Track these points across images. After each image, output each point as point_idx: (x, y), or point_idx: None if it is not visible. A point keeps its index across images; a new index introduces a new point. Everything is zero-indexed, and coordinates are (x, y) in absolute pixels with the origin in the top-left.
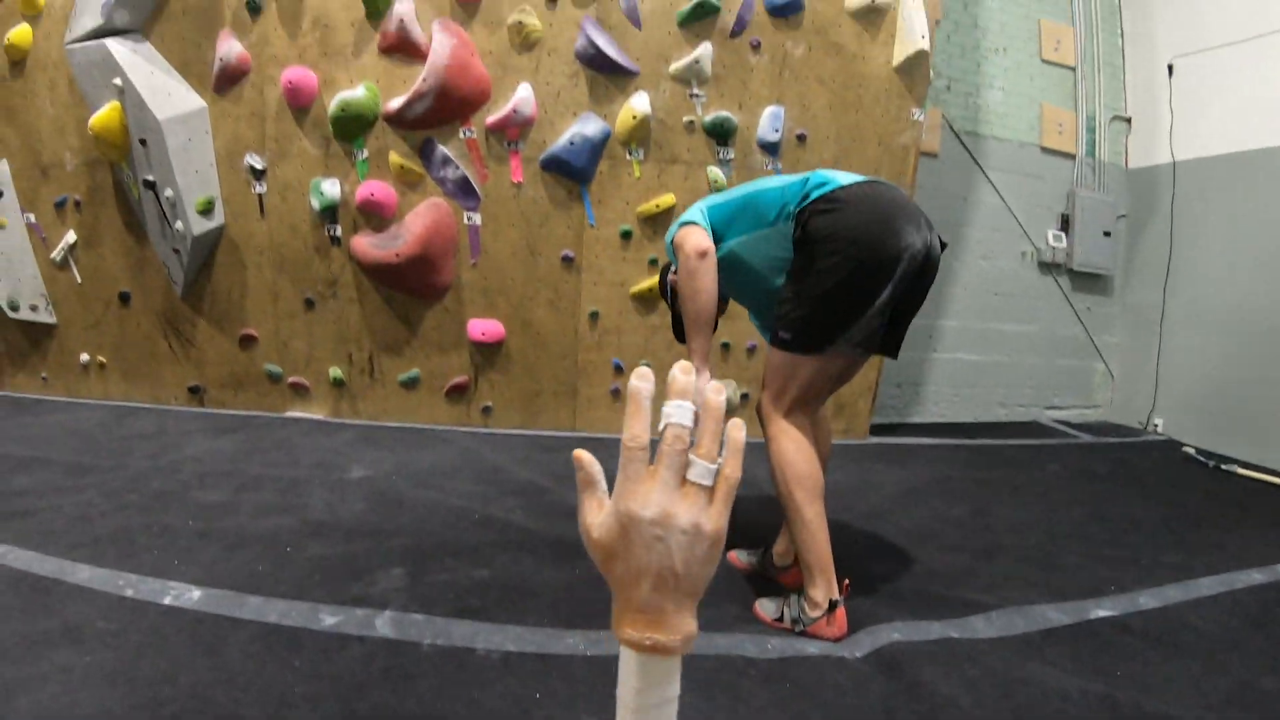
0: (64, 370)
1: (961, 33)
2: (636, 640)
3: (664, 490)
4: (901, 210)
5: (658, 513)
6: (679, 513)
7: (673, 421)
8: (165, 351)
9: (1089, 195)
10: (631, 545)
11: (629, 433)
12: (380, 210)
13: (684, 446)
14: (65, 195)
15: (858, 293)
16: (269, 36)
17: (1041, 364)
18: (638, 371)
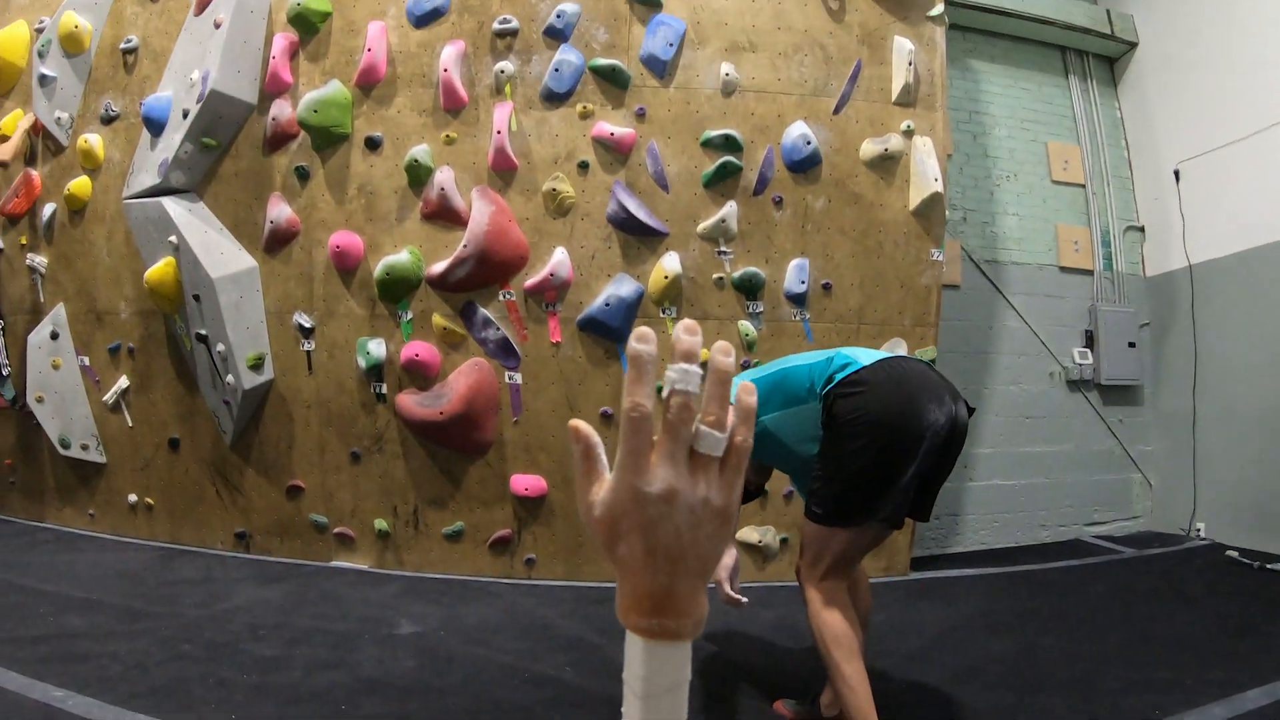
0: (111, 509)
1: (973, 164)
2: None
3: (670, 463)
4: (924, 388)
5: (664, 488)
6: (687, 487)
7: (678, 388)
8: (213, 497)
9: (1110, 308)
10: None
11: (630, 400)
12: (424, 370)
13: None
14: (119, 342)
15: (884, 472)
16: (317, 201)
17: (1079, 481)
18: (637, 333)
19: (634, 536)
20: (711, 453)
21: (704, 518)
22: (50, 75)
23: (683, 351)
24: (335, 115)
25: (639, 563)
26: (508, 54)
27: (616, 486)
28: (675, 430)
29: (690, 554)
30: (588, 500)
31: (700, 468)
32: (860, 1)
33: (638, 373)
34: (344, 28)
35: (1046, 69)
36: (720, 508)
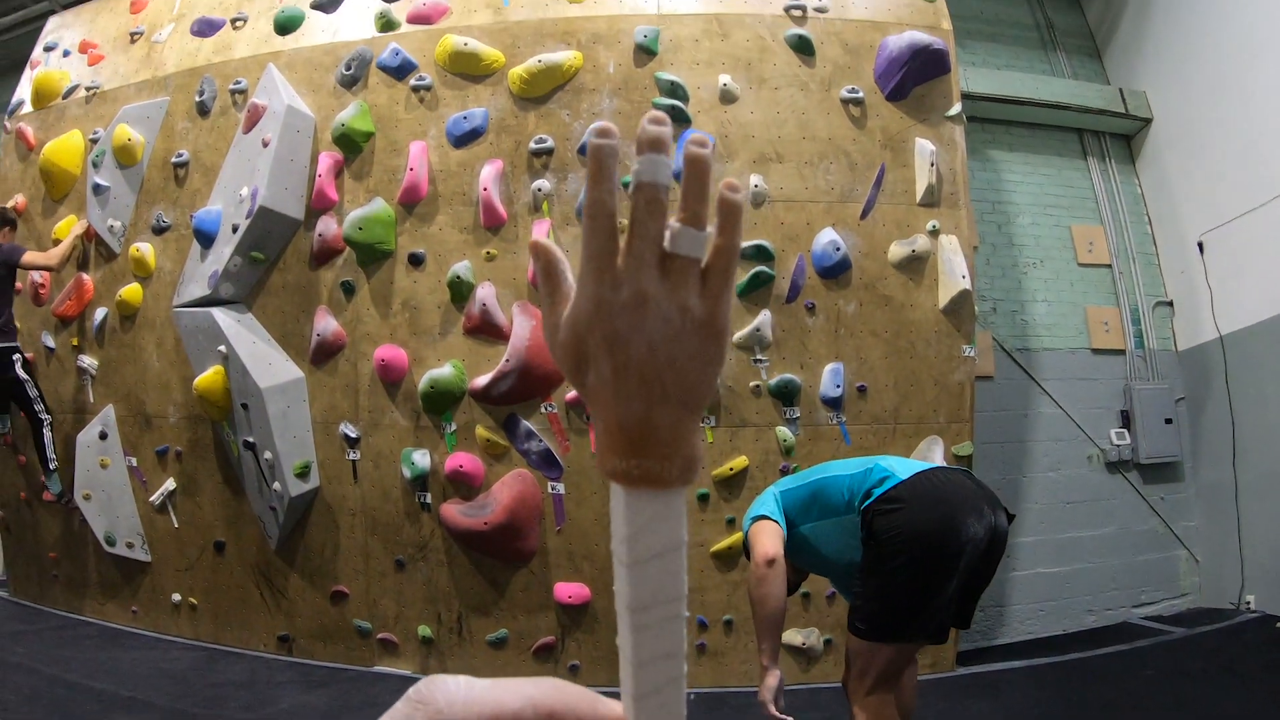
0: (155, 607)
1: (999, 253)
2: (621, 469)
3: (638, 265)
4: (963, 501)
5: (631, 293)
6: (659, 292)
7: (645, 180)
8: (257, 600)
9: (1145, 386)
10: (601, 340)
11: (590, 196)
12: (469, 480)
13: (662, 209)
14: (166, 445)
15: (925, 589)
16: (362, 315)
17: (1123, 563)
18: (597, 127)
19: (601, 356)
20: (690, 254)
21: (684, 330)
22: (104, 184)
23: (649, 139)
24: (379, 232)
25: (609, 389)
26: (544, 172)
27: (579, 298)
28: (643, 227)
29: (670, 375)
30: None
31: (678, 271)
32: (881, 107)
33: (597, 166)
34: (386, 147)
35: (1065, 152)
36: (704, 319)
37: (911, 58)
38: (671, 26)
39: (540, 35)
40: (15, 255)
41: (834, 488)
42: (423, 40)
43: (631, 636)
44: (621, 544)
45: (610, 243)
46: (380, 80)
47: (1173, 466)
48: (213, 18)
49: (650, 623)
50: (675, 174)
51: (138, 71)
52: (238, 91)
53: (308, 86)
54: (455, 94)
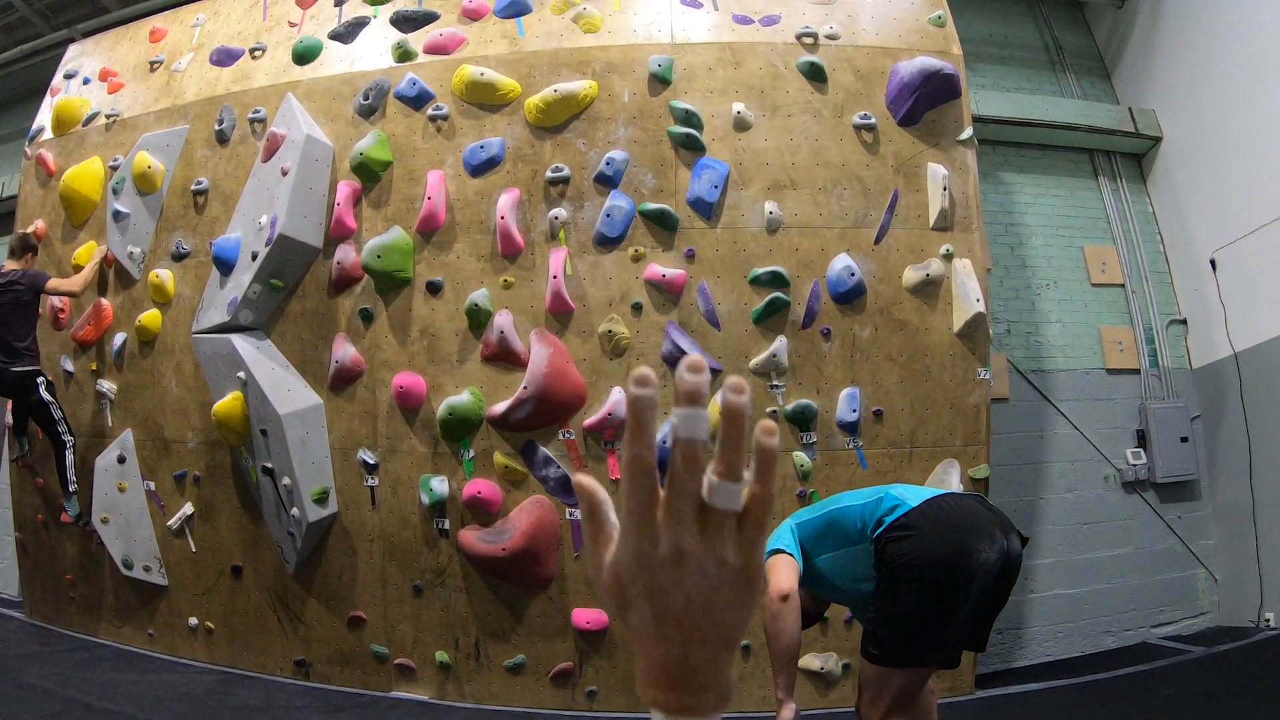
0: (171, 630)
1: (1012, 275)
2: (660, 701)
3: (677, 523)
4: (974, 527)
5: (671, 551)
6: (697, 548)
7: (682, 435)
8: (274, 625)
9: (1160, 405)
10: (643, 590)
11: (629, 452)
12: (487, 507)
13: (699, 466)
14: (185, 470)
15: (938, 614)
16: (380, 343)
17: (1141, 583)
18: (635, 375)
19: (642, 604)
20: (728, 508)
21: (721, 582)
22: (124, 211)
23: (686, 392)
24: (397, 260)
25: (650, 632)
26: (561, 201)
27: (621, 550)
28: (681, 484)
29: (707, 622)
30: (595, 561)
31: (715, 525)
32: (893, 132)
33: (636, 420)
34: (404, 176)
35: (1076, 173)
36: (739, 568)
37: (923, 83)
38: (685, 55)
39: (556, 65)
40: (40, 281)
41: (847, 518)
42: (439, 70)
43: None
44: None
45: (651, 497)
46: (398, 110)
47: (1189, 485)
48: (232, 47)
49: None
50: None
51: (157, 100)
52: (257, 120)
53: (326, 116)
54: (472, 123)
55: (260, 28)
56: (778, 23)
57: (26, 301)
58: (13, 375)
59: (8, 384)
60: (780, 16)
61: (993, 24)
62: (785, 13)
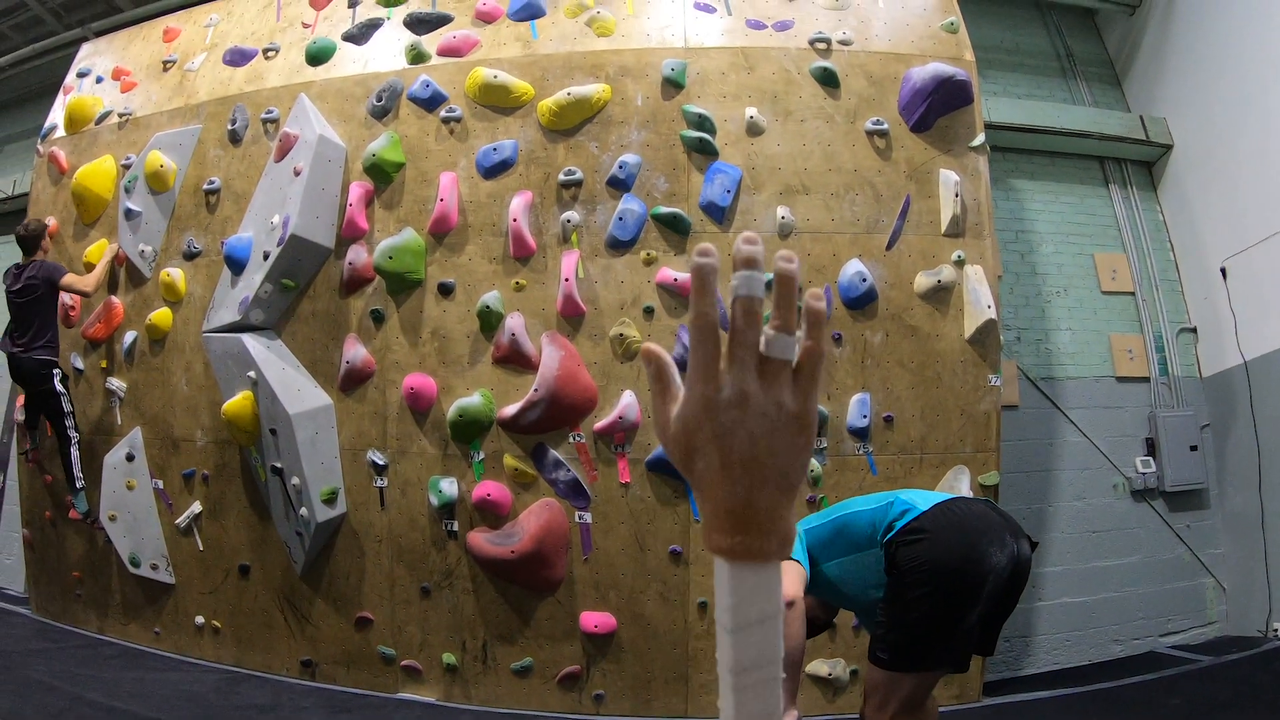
0: (177, 628)
1: (1023, 282)
2: (726, 546)
3: (739, 368)
4: (985, 531)
5: (734, 393)
6: (758, 392)
7: (741, 293)
8: (280, 624)
9: (1170, 414)
10: (709, 435)
11: (695, 310)
12: (496, 509)
13: (757, 320)
14: (193, 468)
15: (948, 618)
16: (391, 344)
17: (1149, 592)
18: (698, 248)
19: (709, 448)
20: (783, 356)
21: (780, 424)
22: (136, 210)
23: (744, 258)
24: (409, 262)
25: (716, 476)
26: (573, 204)
27: (688, 398)
28: (742, 335)
29: (769, 463)
30: (662, 419)
31: (773, 373)
32: (905, 138)
33: (700, 283)
34: (417, 178)
35: (1087, 180)
36: (797, 413)
37: (935, 89)
38: (698, 60)
39: (569, 68)
40: (57, 274)
41: (856, 523)
42: (453, 72)
43: (734, 697)
44: (726, 612)
45: (715, 349)
46: (411, 111)
47: (1198, 494)
48: (245, 48)
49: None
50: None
51: (170, 99)
52: (269, 120)
53: (339, 117)
54: (485, 126)
55: (274, 28)
56: (791, 28)
57: (43, 296)
58: (31, 363)
59: (24, 371)
60: (793, 22)
61: (1004, 31)
62: (798, 18)
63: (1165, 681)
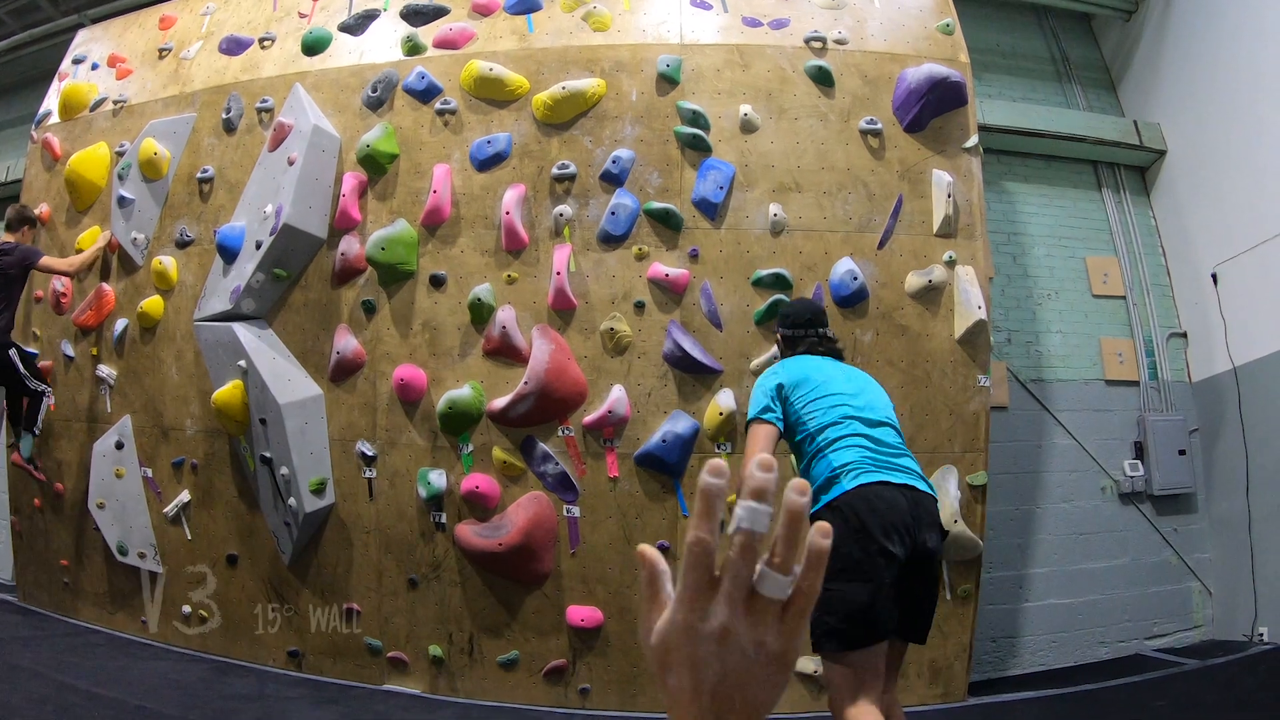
0: (165, 618)
1: (1014, 284)
2: None
3: (727, 603)
4: (886, 519)
5: (717, 627)
6: (742, 629)
7: (744, 527)
8: (268, 614)
9: (1159, 418)
10: (685, 658)
11: (693, 534)
12: (484, 501)
13: (753, 556)
14: (183, 457)
15: (841, 599)
16: (382, 335)
17: (1136, 595)
18: (711, 466)
19: (683, 670)
20: (773, 596)
21: (757, 661)
22: (129, 197)
23: (753, 489)
24: (401, 253)
25: (686, 697)
26: (566, 198)
27: (671, 619)
28: (737, 569)
29: (738, 695)
30: (647, 624)
31: (761, 610)
32: (899, 138)
33: (706, 506)
34: (410, 169)
35: (1080, 184)
36: (778, 653)
37: (930, 90)
38: (694, 56)
39: (564, 62)
40: (32, 258)
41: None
42: (448, 65)
43: None
44: None
45: (707, 576)
46: (405, 103)
47: (1186, 498)
48: (241, 36)
49: None
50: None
51: (165, 87)
52: (264, 110)
53: (334, 107)
54: (479, 118)
55: (270, 18)
56: (787, 26)
57: (13, 276)
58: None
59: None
60: (789, 20)
61: (1000, 34)
62: (794, 16)
63: (1151, 684)
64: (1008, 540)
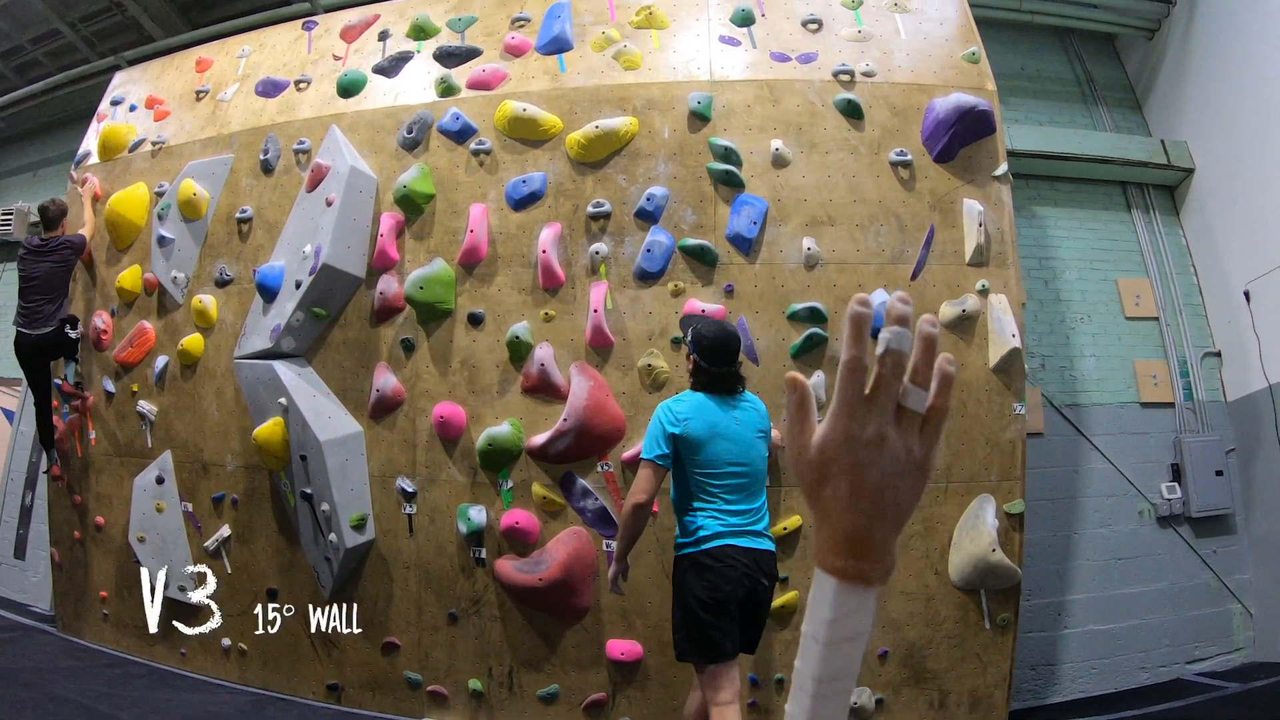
0: (204, 650)
1: (1046, 309)
2: (839, 567)
3: (881, 413)
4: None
5: (875, 434)
6: (894, 436)
7: (893, 347)
8: (307, 648)
9: (1195, 439)
10: (845, 466)
11: (849, 353)
12: (524, 537)
13: (902, 371)
14: (223, 492)
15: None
16: (421, 373)
17: (1176, 619)
18: (859, 297)
19: (842, 478)
20: (917, 409)
21: (906, 467)
22: (169, 237)
23: (897, 316)
24: (439, 292)
25: (844, 504)
26: (601, 235)
27: (830, 429)
28: (888, 384)
29: (890, 500)
30: (799, 444)
31: (907, 422)
32: (929, 169)
33: (857, 330)
34: (447, 209)
35: (1109, 206)
36: (920, 460)
37: (958, 119)
38: (724, 92)
39: (597, 101)
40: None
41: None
42: (482, 105)
43: (812, 704)
44: (822, 626)
45: (861, 391)
46: (441, 143)
47: (1224, 519)
48: (277, 79)
49: (831, 693)
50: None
51: (203, 128)
52: (301, 151)
53: (370, 148)
54: (514, 158)
55: (305, 60)
56: (815, 60)
57: (73, 264)
58: (32, 340)
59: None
60: (817, 54)
61: (1024, 58)
62: (822, 50)
63: (1193, 709)
64: (1046, 567)
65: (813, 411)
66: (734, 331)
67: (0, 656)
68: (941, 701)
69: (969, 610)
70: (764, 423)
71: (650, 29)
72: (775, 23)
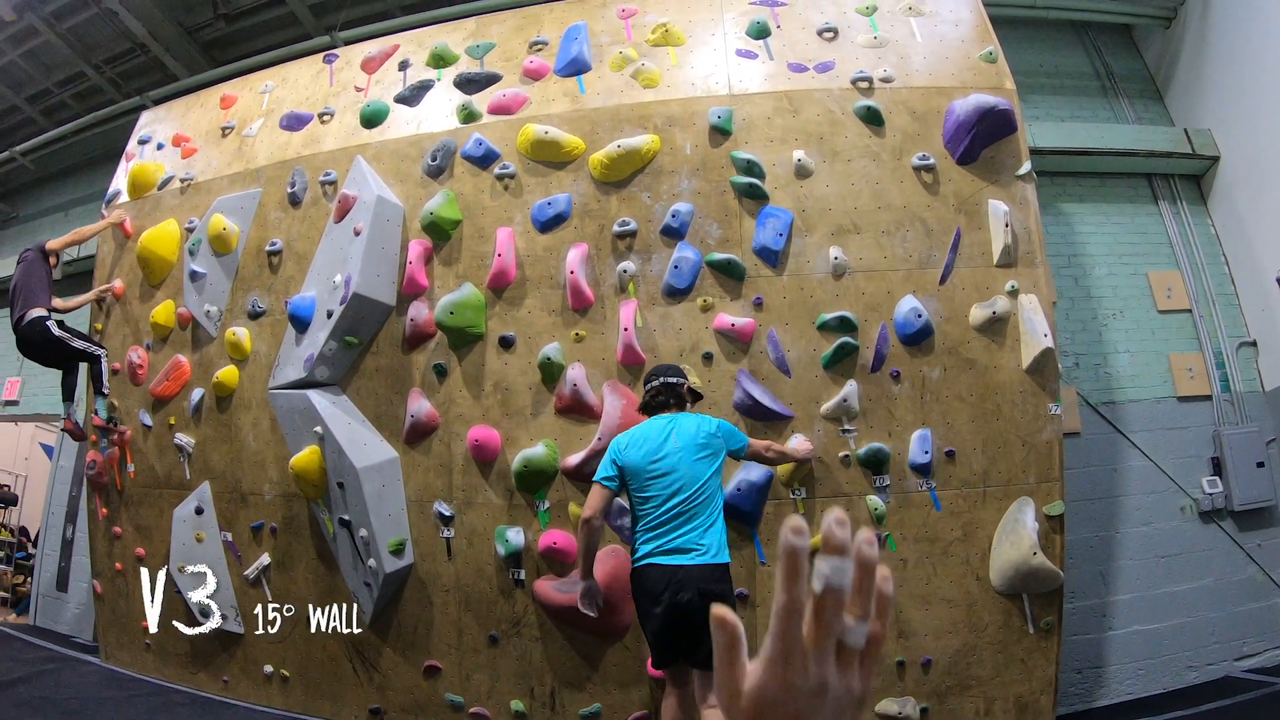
0: (246, 677)
1: (1078, 307)
2: None
3: (822, 658)
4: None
5: (817, 684)
6: (835, 681)
7: (833, 585)
8: (349, 673)
9: (1234, 431)
10: (790, 716)
11: (787, 595)
12: (562, 557)
13: (841, 608)
14: (262, 521)
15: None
16: (454, 397)
17: (1222, 615)
18: (792, 525)
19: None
20: (859, 645)
21: (846, 706)
22: (200, 272)
23: (836, 545)
24: (470, 316)
25: None
26: (628, 254)
27: (767, 678)
28: (829, 626)
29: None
30: (731, 689)
31: (846, 660)
32: (952, 172)
33: (793, 568)
34: (474, 234)
35: (1136, 199)
36: (860, 696)
37: (979, 120)
38: (743, 106)
39: (618, 121)
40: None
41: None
42: (504, 130)
43: None
44: None
45: (799, 636)
46: (465, 169)
47: (1268, 511)
48: (300, 112)
49: None
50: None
51: (230, 164)
52: (327, 182)
53: (395, 177)
54: (538, 180)
55: (327, 93)
56: (832, 69)
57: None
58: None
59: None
60: (834, 63)
61: (1042, 53)
62: (839, 58)
63: (1243, 706)
64: (1088, 568)
65: (743, 652)
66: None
67: (44, 686)
68: (987, 709)
69: (1011, 615)
70: (700, 434)
71: (667, 46)
72: (791, 33)
